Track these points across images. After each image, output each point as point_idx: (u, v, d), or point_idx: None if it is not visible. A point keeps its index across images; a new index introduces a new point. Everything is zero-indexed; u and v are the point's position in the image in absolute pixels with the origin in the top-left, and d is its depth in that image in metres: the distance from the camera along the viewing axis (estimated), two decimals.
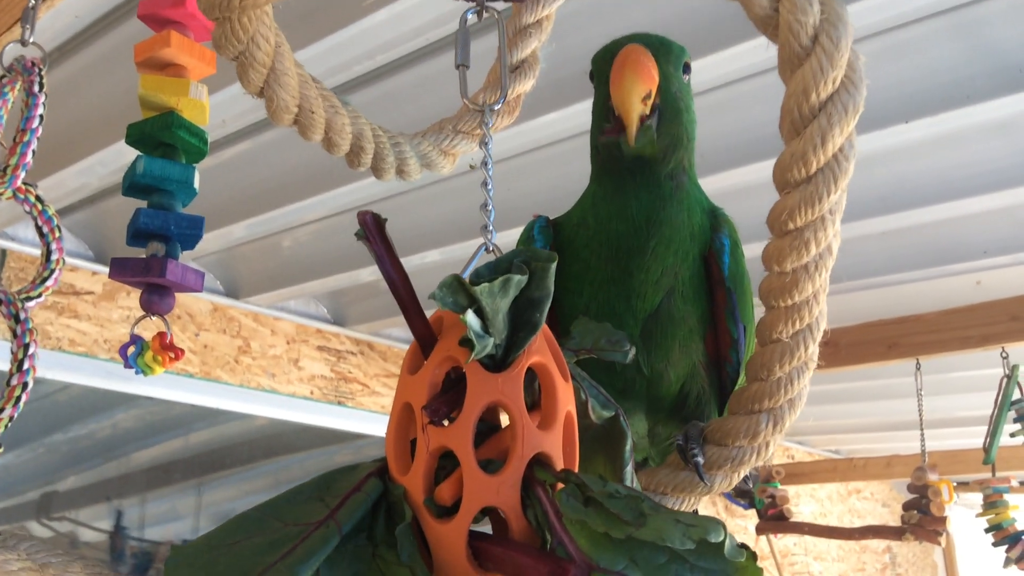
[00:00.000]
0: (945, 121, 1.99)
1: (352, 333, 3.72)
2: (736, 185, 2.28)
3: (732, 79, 1.99)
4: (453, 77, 2.09)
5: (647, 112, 0.81)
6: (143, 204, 0.99)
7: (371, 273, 3.06)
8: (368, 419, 3.77)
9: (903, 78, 1.95)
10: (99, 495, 3.55)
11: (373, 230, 0.61)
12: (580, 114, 2.06)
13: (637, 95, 0.79)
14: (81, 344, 2.98)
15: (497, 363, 0.61)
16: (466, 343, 0.59)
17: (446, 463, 0.60)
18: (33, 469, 3.39)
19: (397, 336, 3.89)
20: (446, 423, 0.60)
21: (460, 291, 0.57)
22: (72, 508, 3.48)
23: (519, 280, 0.58)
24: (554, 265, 0.60)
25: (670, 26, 1.83)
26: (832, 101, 0.61)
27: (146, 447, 3.70)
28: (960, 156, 2.26)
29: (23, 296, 1.14)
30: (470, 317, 0.57)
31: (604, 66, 0.86)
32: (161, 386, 3.21)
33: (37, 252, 2.86)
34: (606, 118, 0.85)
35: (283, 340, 3.54)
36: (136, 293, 3.16)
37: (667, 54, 0.87)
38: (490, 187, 0.70)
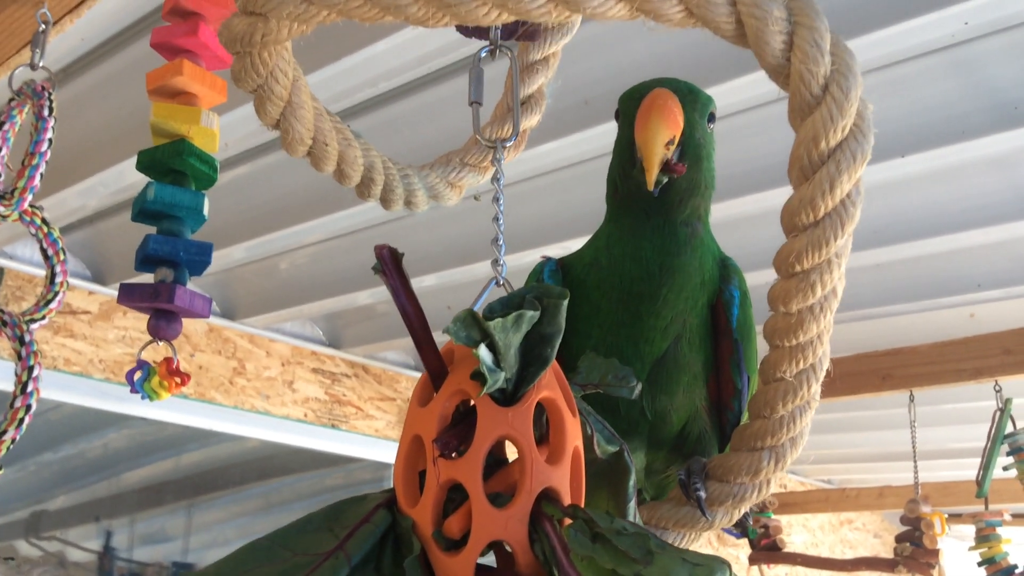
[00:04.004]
0: (941, 156, 2.01)
1: (347, 356, 3.72)
2: (733, 216, 2.30)
3: (731, 111, 2.01)
4: (454, 105, 2.11)
5: (669, 157, 0.81)
6: (144, 226, 0.99)
7: (368, 296, 3.06)
8: (361, 442, 3.75)
9: (900, 113, 1.97)
10: (89, 515, 3.53)
11: (390, 264, 0.62)
12: (579, 144, 2.08)
13: (661, 140, 0.79)
14: (76, 364, 2.97)
15: (507, 397, 0.61)
16: (478, 377, 0.59)
17: (454, 495, 0.60)
18: (23, 488, 3.37)
19: (392, 359, 3.89)
20: (455, 455, 0.60)
21: (474, 326, 0.58)
22: (61, 527, 3.46)
23: (531, 316, 0.59)
24: (566, 302, 0.61)
25: (669, 59, 1.85)
26: (841, 148, 0.62)
27: (137, 467, 3.68)
28: (955, 191, 2.28)
29: (27, 318, 1.15)
30: (483, 352, 0.57)
31: (631, 107, 0.85)
32: (155, 407, 3.20)
33: (35, 271, 2.86)
34: (629, 159, 0.86)
35: (278, 362, 3.54)
36: (132, 313, 3.16)
37: (694, 102, 0.87)
38: (501, 222, 0.71)
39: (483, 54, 0.84)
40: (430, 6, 0.56)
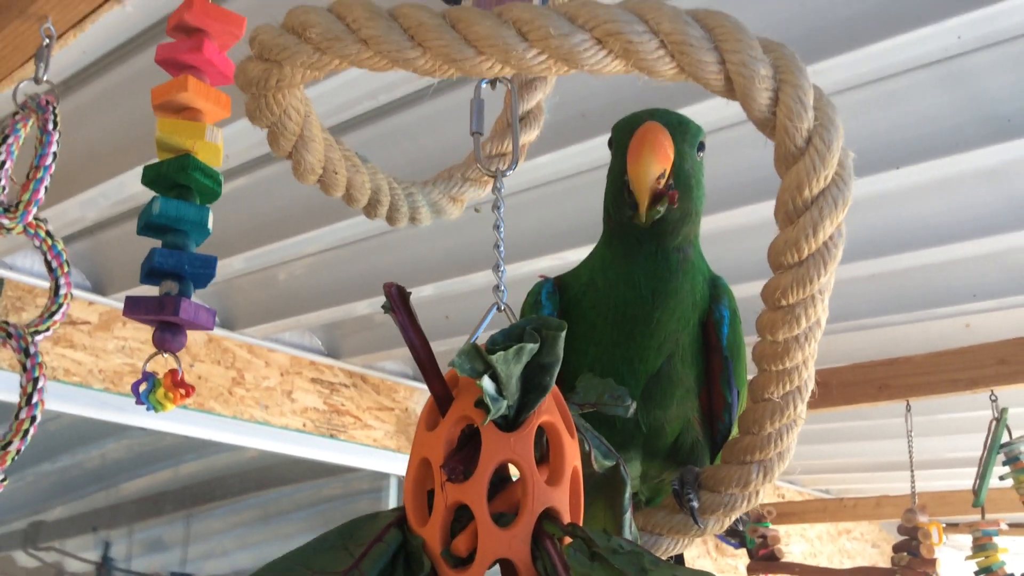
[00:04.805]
0: (934, 168, 2.03)
1: (346, 365, 3.73)
2: (723, 228, 2.32)
3: (722, 125, 2.03)
4: (452, 117, 2.11)
5: (660, 189, 0.84)
6: (141, 236, 1.01)
7: (366, 306, 3.07)
8: (360, 452, 3.76)
9: (894, 125, 1.99)
10: (87, 525, 3.53)
11: (398, 301, 0.65)
12: (575, 156, 2.10)
13: (652, 174, 0.82)
14: (76, 374, 2.97)
15: (509, 423, 0.64)
16: (481, 405, 0.62)
17: (461, 515, 0.63)
18: (21, 498, 3.36)
19: (391, 369, 3.90)
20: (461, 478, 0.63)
21: (477, 358, 0.61)
22: (59, 538, 3.45)
23: (531, 348, 0.62)
24: (564, 334, 0.64)
25: None
26: (823, 195, 0.66)
27: (136, 477, 3.68)
28: (949, 202, 2.30)
29: (32, 330, 1.16)
30: (486, 382, 0.60)
31: (624, 138, 0.89)
32: (154, 417, 3.20)
33: (35, 281, 2.87)
34: (621, 189, 0.89)
35: (277, 372, 3.54)
36: (132, 324, 3.16)
37: (684, 133, 0.90)
38: (501, 249, 0.73)
39: (484, 84, 0.86)
40: (436, 59, 0.59)
